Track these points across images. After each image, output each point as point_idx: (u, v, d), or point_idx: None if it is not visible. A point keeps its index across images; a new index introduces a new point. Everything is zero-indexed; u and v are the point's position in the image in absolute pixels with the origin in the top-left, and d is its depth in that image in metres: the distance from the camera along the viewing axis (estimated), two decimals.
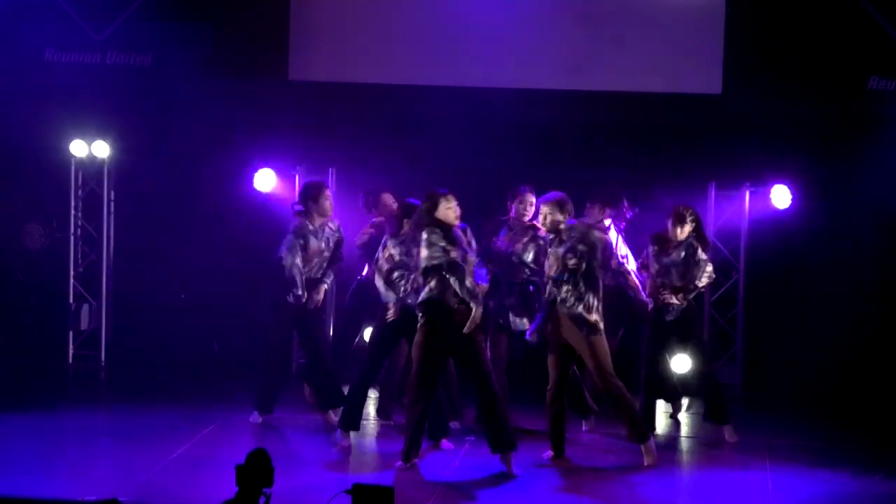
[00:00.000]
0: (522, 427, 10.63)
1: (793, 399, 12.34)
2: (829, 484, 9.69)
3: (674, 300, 10.52)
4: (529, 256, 10.53)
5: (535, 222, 10.44)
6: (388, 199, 11.05)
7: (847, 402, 12.25)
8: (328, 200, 10.83)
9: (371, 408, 11.19)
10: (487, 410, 9.59)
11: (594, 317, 9.70)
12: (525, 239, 10.57)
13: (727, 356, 12.80)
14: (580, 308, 9.67)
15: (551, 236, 9.86)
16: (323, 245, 10.82)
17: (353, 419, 10.32)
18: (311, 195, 10.79)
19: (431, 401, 9.76)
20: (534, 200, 10.56)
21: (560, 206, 9.80)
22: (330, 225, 10.91)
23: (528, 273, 10.52)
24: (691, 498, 9.58)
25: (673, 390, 11.29)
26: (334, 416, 10.73)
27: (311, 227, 10.76)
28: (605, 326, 9.82)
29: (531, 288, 10.51)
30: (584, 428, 10.84)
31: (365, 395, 10.41)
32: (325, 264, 10.86)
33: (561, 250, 9.71)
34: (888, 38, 12.36)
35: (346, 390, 10.63)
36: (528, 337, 10.00)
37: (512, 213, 10.72)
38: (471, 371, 9.66)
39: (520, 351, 10.56)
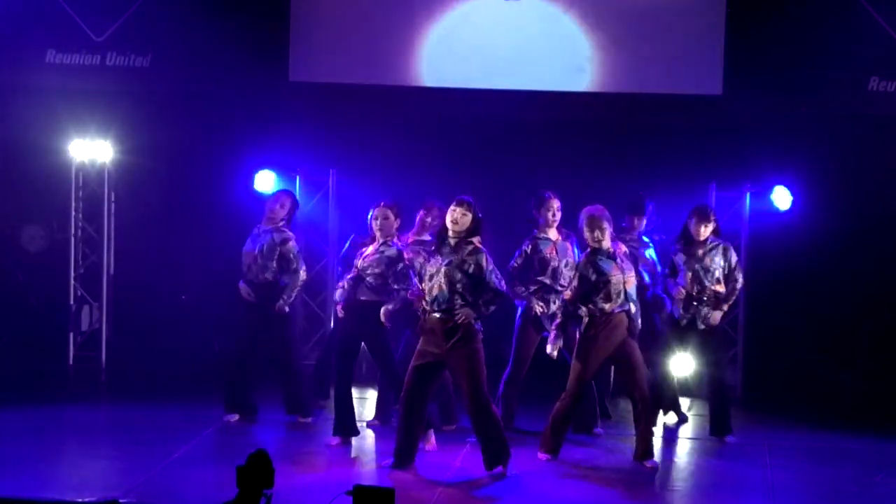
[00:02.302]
0: (524, 429, 10.65)
1: (793, 399, 12.34)
2: (829, 484, 9.69)
3: (717, 314, 10.60)
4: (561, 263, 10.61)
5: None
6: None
7: (847, 402, 12.25)
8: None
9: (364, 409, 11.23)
10: (476, 425, 9.61)
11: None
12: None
13: (728, 357, 12.79)
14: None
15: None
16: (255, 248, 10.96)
17: (347, 426, 10.35)
18: None
19: (425, 408, 9.78)
20: (559, 205, 10.69)
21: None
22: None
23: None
24: (691, 499, 9.57)
25: (673, 393, 11.30)
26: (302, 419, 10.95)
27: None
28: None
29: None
30: (597, 430, 10.83)
31: (350, 398, 10.40)
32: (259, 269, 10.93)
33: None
34: (889, 39, 12.36)
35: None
36: (548, 351, 10.02)
37: (540, 221, 10.74)
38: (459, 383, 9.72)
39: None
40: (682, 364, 11.05)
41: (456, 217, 9.45)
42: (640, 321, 9.99)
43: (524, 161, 13.02)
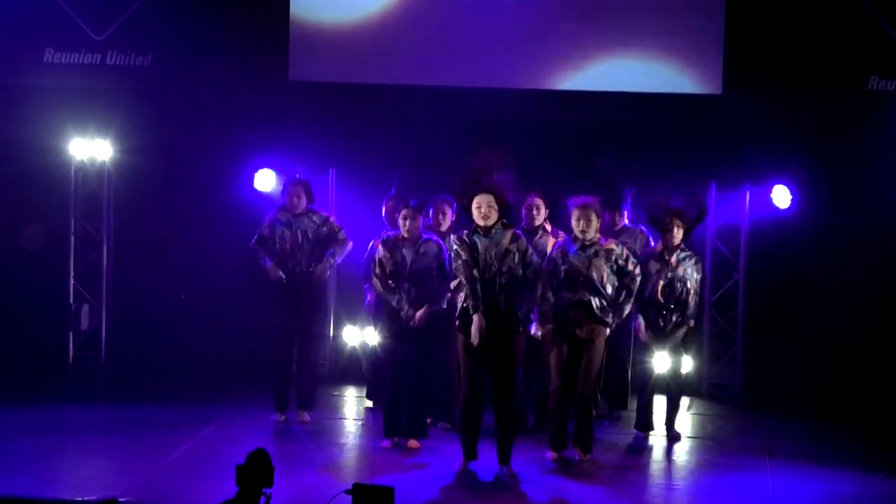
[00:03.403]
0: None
1: (793, 399, 12.34)
2: (829, 484, 9.69)
3: (680, 332, 10.59)
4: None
5: (545, 225, 10.76)
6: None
7: (847, 402, 12.25)
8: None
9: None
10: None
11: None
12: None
13: (728, 356, 12.80)
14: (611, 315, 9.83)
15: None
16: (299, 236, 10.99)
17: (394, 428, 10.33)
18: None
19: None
20: (540, 203, 10.83)
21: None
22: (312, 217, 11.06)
23: None
24: (691, 498, 9.57)
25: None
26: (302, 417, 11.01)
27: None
28: None
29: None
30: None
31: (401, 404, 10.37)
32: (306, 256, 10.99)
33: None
34: (888, 38, 12.36)
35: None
36: (532, 332, 9.99)
37: (523, 220, 10.83)
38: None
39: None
40: (685, 363, 11.03)
41: (484, 211, 9.47)
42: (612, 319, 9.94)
43: (523, 161, 12.97)
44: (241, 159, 12.98)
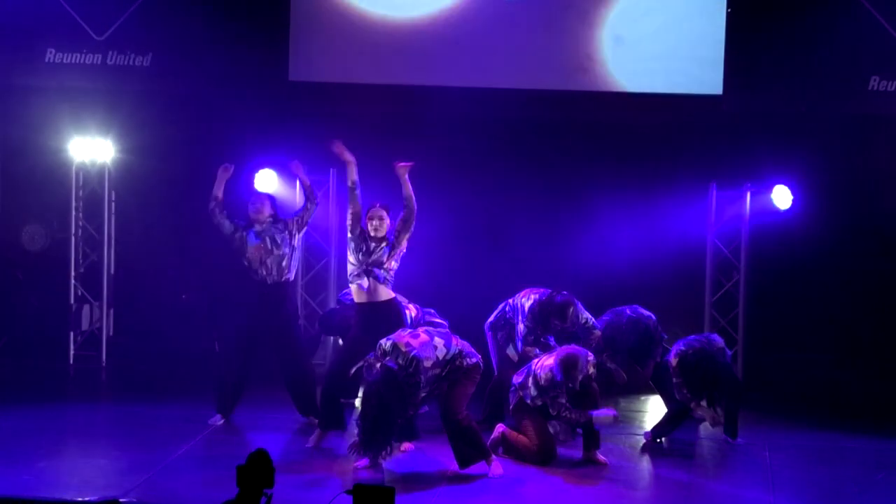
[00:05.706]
0: None
1: (793, 399, 12.34)
2: (829, 484, 9.69)
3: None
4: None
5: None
6: None
7: (847, 402, 12.25)
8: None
9: None
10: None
11: None
12: None
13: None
14: None
15: None
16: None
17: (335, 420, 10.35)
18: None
19: None
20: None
21: None
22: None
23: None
24: (691, 498, 9.57)
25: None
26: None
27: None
28: None
29: None
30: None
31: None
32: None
33: None
34: (889, 39, 12.36)
35: None
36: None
37: None
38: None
39: None
40: None
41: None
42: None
43: (524, 161, 13.01)
44: (241, 159, 12.97)
